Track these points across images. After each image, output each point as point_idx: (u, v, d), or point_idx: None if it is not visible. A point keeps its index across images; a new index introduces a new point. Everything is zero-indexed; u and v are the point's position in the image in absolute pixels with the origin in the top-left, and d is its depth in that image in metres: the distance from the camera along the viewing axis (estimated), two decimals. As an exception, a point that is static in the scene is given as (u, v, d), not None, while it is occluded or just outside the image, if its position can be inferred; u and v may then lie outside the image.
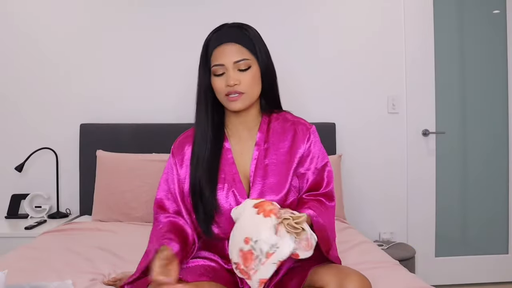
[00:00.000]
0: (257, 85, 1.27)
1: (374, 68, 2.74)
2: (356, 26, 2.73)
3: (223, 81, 1.24)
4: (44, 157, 2.59)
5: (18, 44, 2.60)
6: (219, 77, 1.25)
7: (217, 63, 1.24)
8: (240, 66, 1.23)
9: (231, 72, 1.23)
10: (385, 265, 1.62)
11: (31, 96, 2.60)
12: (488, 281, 2.84)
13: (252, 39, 1.26)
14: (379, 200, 2.74)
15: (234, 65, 1.23)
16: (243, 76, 1.24)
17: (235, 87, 1.23)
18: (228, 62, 1.23)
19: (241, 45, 1.25)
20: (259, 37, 1.29)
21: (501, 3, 2.82)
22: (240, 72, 1.24)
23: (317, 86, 2.70)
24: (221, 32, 1.27)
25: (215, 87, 1.26)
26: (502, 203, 2.87)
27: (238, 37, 1.25)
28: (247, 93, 1.25)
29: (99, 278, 1.54)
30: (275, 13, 2.64)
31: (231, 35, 1.25)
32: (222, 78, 1.24)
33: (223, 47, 1.24)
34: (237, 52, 1.24)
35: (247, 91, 1.24)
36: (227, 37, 1.25)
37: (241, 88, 1.23)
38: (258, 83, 1.27)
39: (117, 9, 2.62)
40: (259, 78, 1.27)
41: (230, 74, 1.23)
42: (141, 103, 2.61)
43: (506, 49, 2.82)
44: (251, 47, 1.26)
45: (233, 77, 1.22)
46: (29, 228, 2.27)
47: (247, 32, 1.27)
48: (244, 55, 1.24)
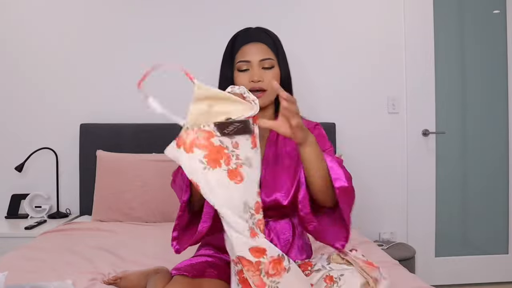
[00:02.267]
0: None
1: (374, 68, 2.74)
2: (356, 26, 2.73)
3: (247, 77, 1.30)
4: (44, 157, 2.59)
5: (18, 44, 2.60)
6: (243, 72, 1.31)
7: (243, 59, 1.31)
8: (264, 64, 1.31)
9: (256, 69, 1.30)
10: (385, 265, 1.62)
11: (31, 96, 2.60)
12: (488, 281, 2.84)
13: (275, 42, 1.36)
14: (379, 200, 2.75)
15: (259, 63, 1.30)
16: (266, 74, 1.30)
17: (258, 83, 1.29)
18: (254, 59, 1.30)
19: (267, 46, 1.33)
20: (280, 42, 1.38)
21: (501, 3, 2.83)
22: (264, 70, 1.31)
23: (317, 86, 2.70)
24: (248, 32, 1.36)
25: (238, 82, 1.31)
26: (502, 203, 2.88)
27: (265, 38, 1.34)
28: (269, 91, 1.30)
29: (99, 278, 1.54)
30: (274, 13, 2.65)
31: (258, 36, 1.34)
32: (246, 74, 1.30)
33: (250, 45, 1.32)
34: (263, 51, 1.32)
35: (269, 89, 1.30)
36: (255, 37, 1.34)
37: (264, 85, 1.30)
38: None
39: (117, 9, 2.62)
40: (279, 79, 1.34)
41: (255, 71, 1.29)
42: (141, 103, 2.60)
43: (506, 49, 2.82)
44: (275, 49, 1.34)
45: (257, 74, 1.29)
46: (29, 228, 2.27)
47: (271, 35, 1.37)
48: (269, 55, 1.32)
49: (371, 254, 1.77)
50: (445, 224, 2.83)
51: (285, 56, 1.38)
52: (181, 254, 1.28)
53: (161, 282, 1.31)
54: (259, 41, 1.33)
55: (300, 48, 2.66)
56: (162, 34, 2.63)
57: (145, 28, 2.63)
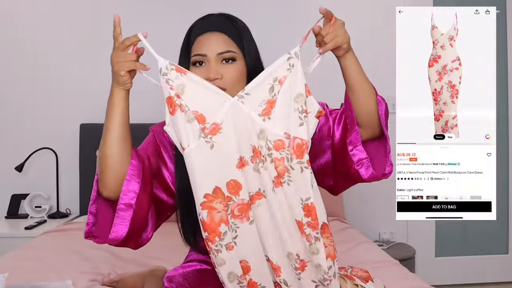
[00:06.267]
0: (242, 82, 1.10)
1: (374, 68, 2.72)
2: (355, 26, 2.70)
3: (203, 73, 1.07)
4: (44, 157, 2.59)
5: (17, 44, 2.60)
6: (199, 68, 1.09)
7: (198, 52, 1.09)
8: (223, 57, 1.09)
9: (213, 64, 1.07)
10: (385, 265, 1.62)
11: (31, 96, 2.60)
12: (488, 281, 2.83)
13: (240, 31, 1.12)
14: (379, 200, 2.74)
15: (217, 57, 1.08)
16: (226, 69, 1.08)
17: (216, 81, 1.06)
18: (210, 52, 1.08)
19: (227, 36, 1.10)
20: (248, 31, 1.15)
21: (501, 3, 2.82)
22: (223, 65, 1.08)
23: (317, 86, 2.69)
24: (206, 20, 1.14)
25: None
26: (502, 203, 2.87)
27: (225, 27, 1.11)
28: (229, 90, 1.06)
29: (99, 278, 1.54)
30: (274, 12, 2.65)
31: (217, 24, 1.12)
32: (203, 70, 1.08)
33: (207, 35, 1.10)
34: (222, 42, 1.09)
35: (229, 88, 1.07)
36: (213, 26, 1.11)
37: (223, 83, 1.06)
38: (243, 80, 1.10)
39: (119, 8, 2.62)
40: (245, 76, 1.11)
41: (212, 66, 1.07)
42: (141, 103, 2.60)
43: (506, 49, 2.82)
44: (238, 40, 1.11)
45: (214, 70, 1.07)
46: (29, 228, 2.27)
47: (235, 23, 1.13)
48: (230, 46, 1.09)
49: (371, 254, 1.77)
50: (445, 224, 2.83)
51: (255, 47, 1.15)
52: (175, 255, 1.28)
53: None
54: (218, 30, 1.10)
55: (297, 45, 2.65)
56: (162, 34, 2.63)
57: (146, 28, 2.62)
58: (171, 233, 1.34)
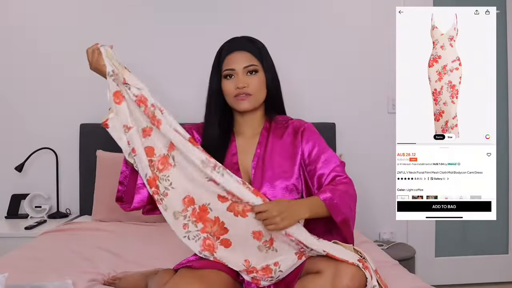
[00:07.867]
0: (263, 90, 1.41)
1: (374, 68, 2.73)
2: (355, 26, 2.72)
3: (233, 84, 1.38)
4: (44, 157, 2.59)
5: (17, 44, 2.60)
6: (229, 80, 1.39)
7: (228, 67, 1.39)
8: (248, 70, 1.39)
9: (241, 76, 1.38)
10: (385, 265, 1.62)
11: (31, 96, 2.60)
12: (488, 281, 2.84)
13: (260, 49, 1.43)
14: (379, 200, 2.74)
15: (243, 70, 1.38)
16: (251, 80, 1.39)
17: (244, 89, 1.37)
18: (238, 67, 1.38)
19: (250, 53, 1.41)
20: (265, 48, 1.45)
21: (501, 3, 2.82)
22: (248, 77, 1.39)
23: (317, 86, 2.70)
24: (233, 42, 1.44)
25: (225, 90, 1.40)
26: (502, 203, 2.87)
27: (248, 47, 1.42)
28: (254, 95, 1.39)
29: (99, 278, 1.54)
30: (273, 14, 2.65)
31: (241, 45, 1.42)
32: (232, 81, 1.39)
33: (235, 54, 1.40)
34: (246, 58, 1.40)
35: (254, 93, 1.39)
36: (238, 46, 1.42)
37: (249, 90, 1.38)
38: (263, 89, 1.41)
39: (118, 8, 2.63)
40: (265, 85, 1.42)
41: (240, 78, 1.38)
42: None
43: (506, 49, 2.82)
44: (259, 56, 1.42)
45: (242, 80, 1.38)
46: (29, 228, 2.27)
47: (255, 43, 1.44)
48: (253, 61, 1.40)
49: (371, 254, 1.77)
50: (445, 224, 2.83)
51: (272, 62, 1.45)
52: (176, 255, 1.31)
53: (166, 276, 1.33)
54: (243, 49, 1.41)
55: (299, 48, 2.65)
56: (162, 33, 2.63)
57: (146, 29, 2.63)
58: (171, 233, 1.34)
